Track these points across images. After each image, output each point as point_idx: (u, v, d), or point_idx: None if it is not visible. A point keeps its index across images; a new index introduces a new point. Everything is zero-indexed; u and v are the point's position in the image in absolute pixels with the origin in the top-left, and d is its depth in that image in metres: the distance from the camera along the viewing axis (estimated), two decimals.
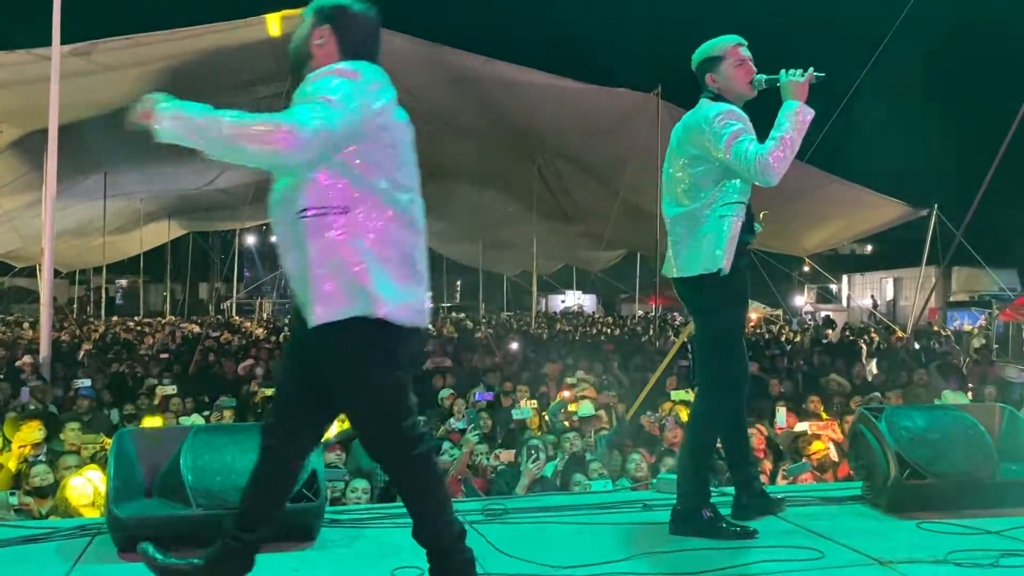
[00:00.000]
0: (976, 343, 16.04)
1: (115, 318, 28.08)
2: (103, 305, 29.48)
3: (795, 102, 3.40)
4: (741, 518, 3.66)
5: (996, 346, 17.87)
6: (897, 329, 19.77)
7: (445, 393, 8.87)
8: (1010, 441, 4.14)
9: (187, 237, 33.50)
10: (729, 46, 3.58)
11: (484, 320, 26.65)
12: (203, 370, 12.20)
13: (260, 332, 20.47)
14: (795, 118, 3.36)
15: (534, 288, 24.10)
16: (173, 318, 28.54)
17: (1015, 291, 18.38)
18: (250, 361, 12.10)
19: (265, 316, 32.70)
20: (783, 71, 3.47)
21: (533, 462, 5.63)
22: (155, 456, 3.54)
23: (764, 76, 3.53)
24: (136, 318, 28.68)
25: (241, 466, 3.41)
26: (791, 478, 5.86)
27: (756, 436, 6.61)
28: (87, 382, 9.11)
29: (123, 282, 41.09)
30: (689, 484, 3.60)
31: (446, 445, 6.45)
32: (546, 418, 8.20)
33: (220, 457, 3.43)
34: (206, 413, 8.30)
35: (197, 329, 21.06)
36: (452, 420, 7.02)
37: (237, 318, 29.52)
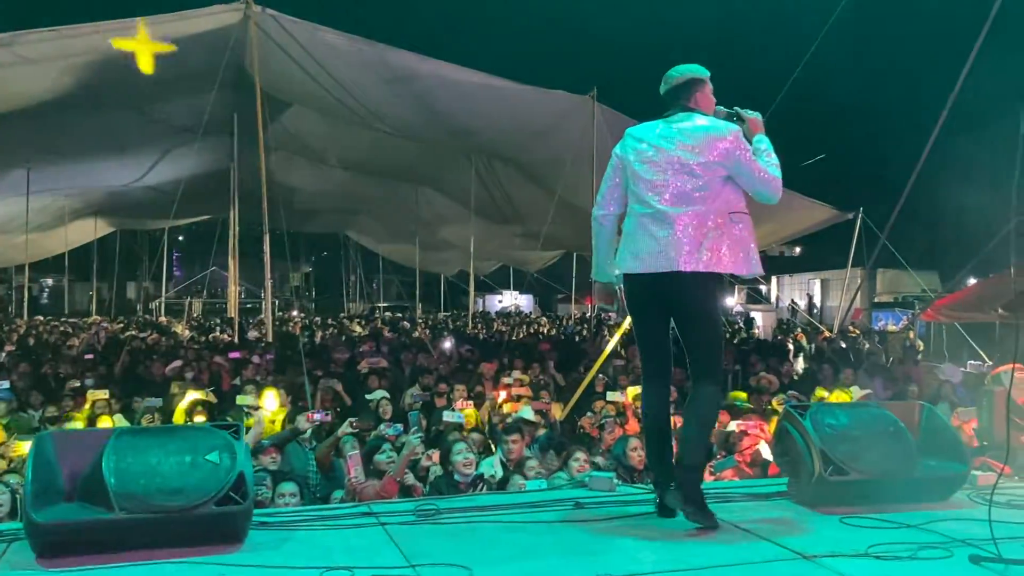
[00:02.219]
0: (906, 342, 16.53)
1: (39, 318, 27.21)
2: (26, 304, 28.54)
3: (766, 137, 3.88)
4: (664, 515, 3.74)
5: (922, 346, 18.42)
6: (824, 329, 20.25)
7: (377, 395, 8.75)
8: (929, 438, 4.27)
9: (114, 235, 32.65)
10: (707, 75, 3.93)
11: (421, 320, 26.53)
12: (129, 371, 11.90)
13: (187, 333, 20.05)
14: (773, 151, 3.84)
15: (471, 288, 24.09)
16: (99, 318, 27.78)
17: (936, 292, 18.97)
18: (178, 363, 11.83)
19: (195, 316, 32.03)
20: (737, 108, 3.95)
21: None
22: (76, 459, 3.43)
23: (723, 107, 3.94)
24: (61, 318, 27.83)
25: (166, 468, 3.34)
26: (718, 474, 5.96)
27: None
28: (5, 384, 8.82)
29: (48, 281, 39.87)
30: (697, 460, 3.74)
31: (386, 445, 6.39)
32: (483, 417, 8.19)
33: (144, 459, 3.34)
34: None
35: (119, 329, 20.55)
36: (382, 425, 6.96)
37: (164, 318, 28.87)
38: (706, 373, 3.77)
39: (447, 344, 15.05)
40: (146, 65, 11.57)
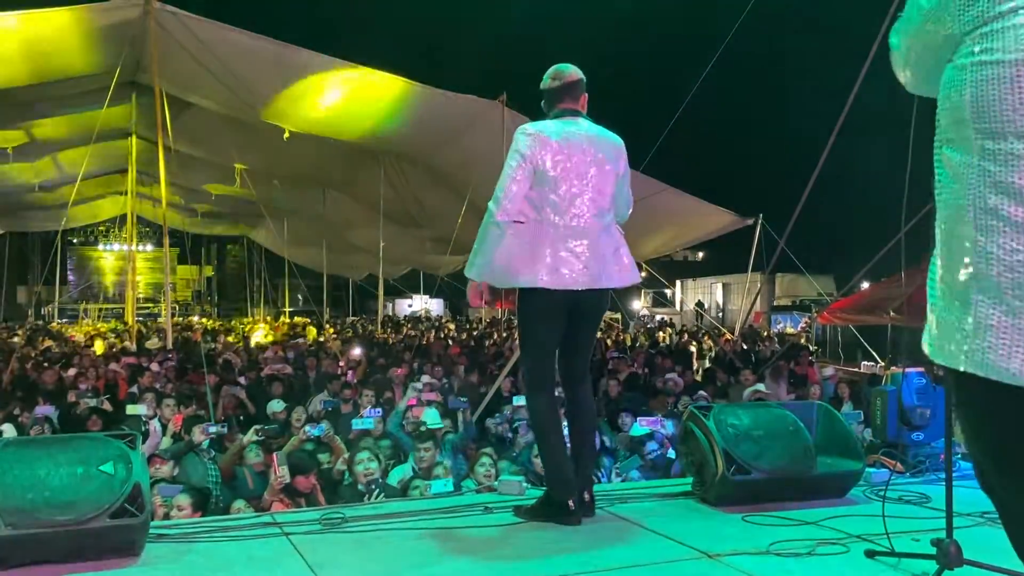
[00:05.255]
0: (798, 343, 17.12)
1: None
2: None
3: None
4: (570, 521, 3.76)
5: (817, 348, 19.08)
6: (726, 332, 20.79)
7: (277, 406, 8.51)
8: (826, 436, 4.41)
9: (3, 237, 31.18)
10: None
11: (329, 324, 26.11)
12: (19, 379, 11.34)
13: (81, 339, 19.28)
14: None
15: (380, 292, 23.83)
16: None
17: (832, 296, 19.70)
18: (73, 370, 11.37)
19: (91, 322, 30.81)
20: None
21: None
22: None
23: None
24: None
25: (56, 481, 3.19)
26: (624, 475, 6.04)
27: None
28: None
29: None
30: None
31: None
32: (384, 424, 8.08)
33: (32, 472, 3.18)
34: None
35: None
36: (307, 426, 6.82)
37: (57, 324, 27.70)
38: (586, 371, 4.03)
39: (356, 350, 14.83)
40: None
